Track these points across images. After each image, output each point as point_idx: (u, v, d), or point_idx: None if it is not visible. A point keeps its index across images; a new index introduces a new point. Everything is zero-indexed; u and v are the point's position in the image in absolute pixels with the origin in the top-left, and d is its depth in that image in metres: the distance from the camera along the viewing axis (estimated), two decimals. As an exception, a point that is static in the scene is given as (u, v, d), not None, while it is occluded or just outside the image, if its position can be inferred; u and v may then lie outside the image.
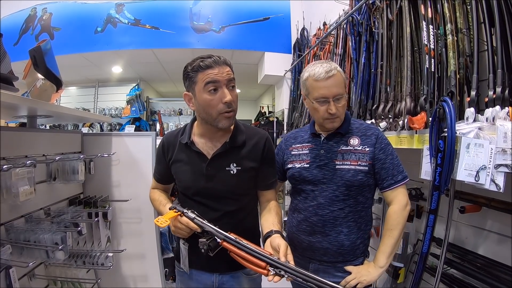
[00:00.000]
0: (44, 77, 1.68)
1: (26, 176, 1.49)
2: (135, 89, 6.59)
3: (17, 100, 1.36)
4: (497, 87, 1.29)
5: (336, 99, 1.40)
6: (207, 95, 1.25)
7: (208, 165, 1.35)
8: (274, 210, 1.43)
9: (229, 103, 1.26)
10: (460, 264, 1.70)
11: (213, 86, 1.24)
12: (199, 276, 1.45)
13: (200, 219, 1.21)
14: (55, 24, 5.16)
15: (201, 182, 1.36)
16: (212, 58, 1.24)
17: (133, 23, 5.00)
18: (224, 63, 1.27)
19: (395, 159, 1.43)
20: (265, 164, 1.44)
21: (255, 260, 1.08)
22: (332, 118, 1.42)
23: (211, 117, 1.28)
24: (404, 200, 1.41)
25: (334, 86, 1.38)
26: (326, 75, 1.38)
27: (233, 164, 1.36)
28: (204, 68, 1.24)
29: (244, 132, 1.42)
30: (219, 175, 1.36)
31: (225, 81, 1.25)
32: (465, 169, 1.27)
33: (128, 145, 2.41)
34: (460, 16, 1.59)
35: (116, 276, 2.41)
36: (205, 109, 1.28)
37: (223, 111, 1.26)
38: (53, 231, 1.65)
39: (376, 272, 1.38)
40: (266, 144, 1.43)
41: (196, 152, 1.37)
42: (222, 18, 5.02)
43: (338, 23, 2.91)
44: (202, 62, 1.24)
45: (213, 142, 1.38)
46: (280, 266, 1.05)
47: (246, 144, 1.40)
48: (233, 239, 1.13)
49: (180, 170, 1.41)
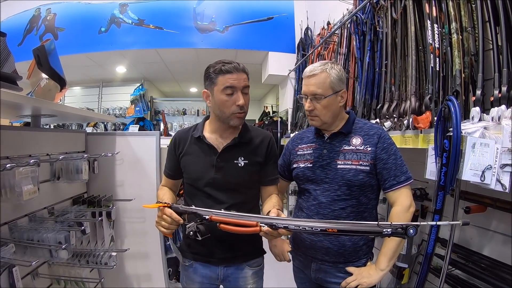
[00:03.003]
0: (48, 76, 1.69)
1: (29, 175, 1.49)
2: (139, 89, 6.61)
3: (21, 100, 1.37)
4: (503, 86, 1.28)
5: (314, 97, 1.44)
6: (224, 96, 1.38)
7: (218, 157, 1.46)
8: (275, 198, 1.52)
9: (242, 106, 1.40)
10: (465, 265, 1.68)
11: (230, 91, 1.37)
12: (204, 269, 1.53)
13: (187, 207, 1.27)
14: (59, 24, 5.18)
15: (210, 173, 1.46)
16: (233, 65, 1.37)
17: (137, 23, 5.01)
18: (242, 70, 1.40)
19: (398, 159, 1.40)
20: (269, 161, 1.54)
21: (245, 222, 1.14)
22: (311, 116, 1.49)
23: (225, 115, 1.42)
24: (407, 201, 1.38)
25: (313, 84, 1.44)
26: (309, 73, 1.45)
27: (241, 157, 1.48)
28: (225, 73, 1.36)
29: (251, 131, 1.55)
30: (228, 166, 1.46)
31: (241, 87, 1.39)
32: (470, 169, 1.25)
33: (132, 145, 2.42)
34: (465, 15, 1.57)
35: (119, 275, 2.41)
36: (220, 107, 1.41)
37: (235, 112, 1.40)
38: (57, 230, 1.65)
39: (377, 274, 1.37)
40: (270, 143, 1.55)
41: (207, 145, 1.48)
42: (226, 18, 5.02)
43: (342, 22, 2.90)
44: (223, 66, 1.36)
45: (223, 138, 1.50)
46: (268, 220, 1.14)
47: (253, 141, 1.52)
48: (221, 211, 1.20)
49: (190, 162, 1.51)
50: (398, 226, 0.99)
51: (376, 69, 2.27)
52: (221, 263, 1.51)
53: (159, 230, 1.33)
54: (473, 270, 1.63)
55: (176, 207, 1.27)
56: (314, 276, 1.53)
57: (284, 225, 1.11)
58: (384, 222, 0.99)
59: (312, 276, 1.54)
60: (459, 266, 1.70)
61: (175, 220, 1.25)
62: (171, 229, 1.30)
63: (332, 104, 1.45)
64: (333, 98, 1.44)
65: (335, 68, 1.44)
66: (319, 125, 1.51)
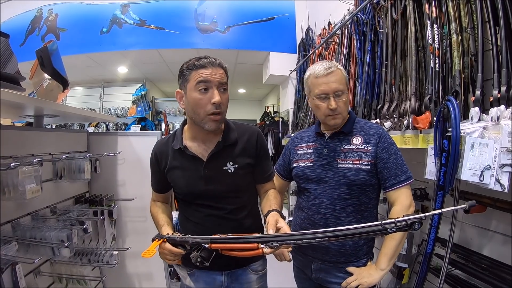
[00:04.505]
0: (51, 77, 1.70)
1: (32, 175, 1.51)
2: (141, 89, 6.61)
3: (24, 100, 1.38)
4: (502, 86, 1.29)
5: (336, 95, 1.41)
6: (197, 94, 1.25)
7: (205, 167, 1.35)
8: (272, 195, 1.45)
9: (218, 104, 1.25)
10: (465, 265, 1.69)
11: (204, 86, 1.24)
12: (207, 276, 1.45)
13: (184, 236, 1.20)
14: (61, 25, 5.20)
15: (200, 185, 1.36)
16: (208, 59, 1.26)
17: (139, 23, 5.02)
18: (219, 65, 1.28)
19: (398, 158, 1.40)
20: (260, 158, 1.45)
21: (246, 246, 1.09)
22: (334, 115, 1.42)
23: (199, 117, 1.28)
24: (407, 201, 1.38)
25: (334, 81, 1.40)
26: (326, 71, 1.40)
27: (230, 162, 1.36)
28: (198, 67, 1.25)
29: (235, 130, 1.42)
30: (217, 175, 1.36)
31: (217, 83, 1.26)
32: (469, 169, 1.26)
33: (134, 145, 2.43)
34: (465, 15, 1.58)
35: (121, 274, 2.43)
36: (193, 108, 1.28)
37: (210, 112, 1.26)
38: (59, 228, 1.67)
39: (377, 274, 1.37)
40: (258, 139, 1.44)
41: (191, 156, 1.36)
42: (227, 18, 5.03)
43: (343, 22, 2.91)
44: (197, 61, 1.26)
45: (206, 144, 1.38)
46: (267, 239, 1.07)
47: (239, 141, 1.40)
48: (219, 237, 1.13)
49: (177, 177, 1.40)
50: (402, 222, 0.96)
51: (376, 70, 2.28)
52: (224, 269, 1.43)
53: (167, 262, 1.27)
54: (472, 270, 1.63)
55: (172, 239, 1.21)
56: (315, 276, 1.53)
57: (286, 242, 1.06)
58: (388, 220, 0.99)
59: (312, 276, 1.54)
60: (458, 266, 1.70)
61: (176, 253, 1.20)
62: (177, 259, 1.24)
63: (347, 101, 1.45)
64: (347, 94, 1.45)
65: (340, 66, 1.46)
66: (340, 123, 1.47)
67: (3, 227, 1.51)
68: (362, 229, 1.04)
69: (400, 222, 0.96)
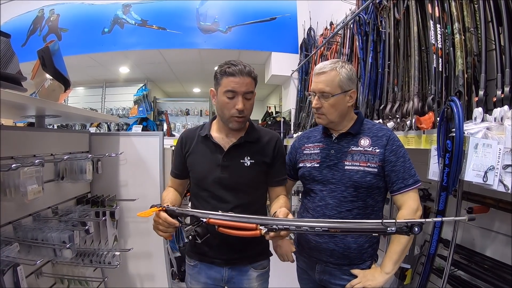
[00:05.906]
0: (52, 77, 1.70)
1: (34, 175, 1.50)
2: (142, 89, 6.63)
3: (26, 100, 1.38)
4: (506, 87, 1.28)
5: (322, 95, 1.42)
6: (225, 99, 1.39)
7: (224, 156, 1.46)
8: (283, 199, 1.52)
9: (241, 110, 1.39)
10: (468, 265, 1.68)
11: (231, 94, 1.37)
12: (209, 270, 1.52)
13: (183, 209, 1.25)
14: (62, 25, 5.22)
15: (216, 172, 1.46)
16: (238, 67, 1.36)
17: (140, 23, 5.03)
18: (247, 74, 1.38)
19: (407, 162, 1.37)
20: (276, 161, 1.54)
21: (244, 225, 1.11)
22: (317, 113, 1.47)
23: (224, 116, 1.43)
24: (414, 205, 1.35)
25: (321, 82, 1.41)
26: (319, 71, 1.43)
27: (247, 157, 1.47)
28: (228, 75, 1.36)
29: (258, 131, 1.55)
30: (234, 166, 1.46)
31: (242, 92, 1.38)
32: (473, 170, 1.25)
33: (136, 145, 2.43)
34: (468, 15, 1.57)
35: (122, 275, 2.42)
36: (221, 108, 1.43)
37: (234, 115, 1.40)
38: (61, 229, 1.66)
39: (382, 278, 1.36)
40: (277, 143, 1.55)
41: (214, 143, 1.48)
42: (229, 18, 5.03)
43: (345, 22, 2.90)
44: (228, 68, 1.36)
45: (229, 137, 1.50)
46: (267, 222, 1.09)
47: (260, 141, 1.52)
48: (218, 213, 1.16)
49: (196, 161, 1.51)
50: (402, 224, 0.97)
51: (379, 70, 2.28)
52: (226, 264, 1.49)
53: (157, 233, 1.30)
54: (475, 271, 1.63)
55: (171, 210, 1.24)
56: (319, 277, 1.51)
57: (285, 227, 1.08)
58: (389, 220, 0.98)
59: (316, 277, 1.52)
60: (461, 267, 1.70)
61: (171, 224, 1.22)
62: (169, 232, 1.27)
63: (339, 104, 1.42)
64: (341, 97, 1.42)
65: (346, 67, 1.42)
66: (325, 124, 1.48)
67: (4, 228, 1.51)
68: (363, 225, 1.06)
69: (400, 223, 0.97)
